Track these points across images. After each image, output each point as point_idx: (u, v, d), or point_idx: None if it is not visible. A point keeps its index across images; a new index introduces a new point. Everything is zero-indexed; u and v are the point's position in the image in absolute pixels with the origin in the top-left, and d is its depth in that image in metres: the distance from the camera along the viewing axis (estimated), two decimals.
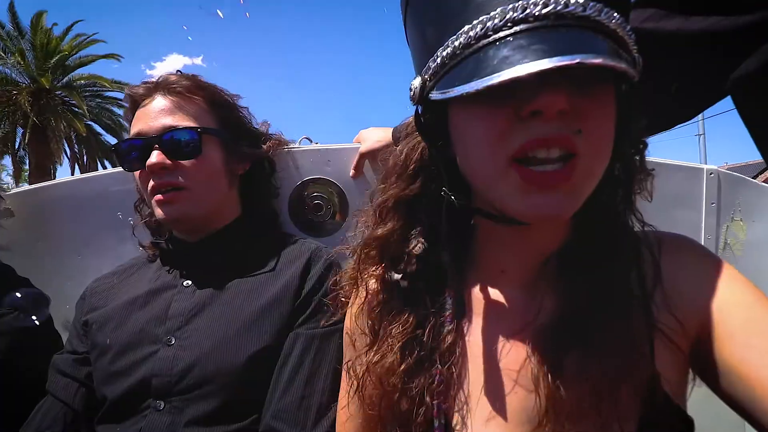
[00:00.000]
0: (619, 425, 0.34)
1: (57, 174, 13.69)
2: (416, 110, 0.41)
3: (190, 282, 0.67)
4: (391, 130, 0.84)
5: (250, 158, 0.75)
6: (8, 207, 0.87)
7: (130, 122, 0.71)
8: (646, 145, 0.42)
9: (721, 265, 0.40)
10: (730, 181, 0.78)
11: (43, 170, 12.54)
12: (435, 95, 0.34)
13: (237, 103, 0.76)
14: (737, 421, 0.36)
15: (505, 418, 0.38)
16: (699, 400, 0.40)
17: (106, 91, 13.72)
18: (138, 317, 0.64)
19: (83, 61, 13.54)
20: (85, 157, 14.21)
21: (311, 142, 0.91)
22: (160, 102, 0.67)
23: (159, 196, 0.64)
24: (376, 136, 0.86)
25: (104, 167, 11.87)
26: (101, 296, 0.70)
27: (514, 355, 0.39)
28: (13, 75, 12.59)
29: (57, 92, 12.87)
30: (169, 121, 0.65)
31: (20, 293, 0.74)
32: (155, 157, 0.63)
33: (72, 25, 13.30)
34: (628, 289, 0.38)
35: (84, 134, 13.12)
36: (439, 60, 0.34)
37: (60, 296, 0.85)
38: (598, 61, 0.27)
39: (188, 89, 0.68)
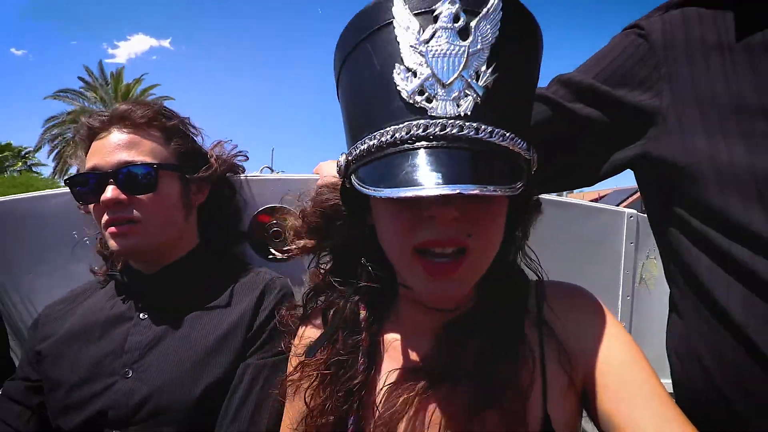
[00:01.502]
0: None
1: None
2: (343, 182, 0.47)
3: (146, 315, 0.69)
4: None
5: (208, 185, 0.78)
6: None
7: (85, 151, 0.72)
8: (540, 213, 0.50)
9: (605, 321, 0.47)
10: (647, 223, 0.89)
11: None
12: (356, 184, 0.40)
13: (192, 131, 0.78)
14: None
15: None
16: None
17: None
18: (93, 350, 0.66)
19: (134, 93, 19.73)
20: None
21: (272, 171, 0.94)
22: (116, 136, 0.68)
23: (113, 229, 0.66)
24: (332, 169, 0.90)
25: None
26: (53, 325, 0.71)
27: (420, 401, 0.45)
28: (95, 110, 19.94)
29: None
30: (125, 156, 0.67)
31: None
32: (110, 192, 0.65)
33: (141, 77, 20.30)
34: (516, 344, 0.45)
35: None
36: (357, 152, 0.40)
37: (12, 313, 0.85)
38: (473, 192, 0.33)
39: (145, 122, 0.70)
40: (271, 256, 0.91)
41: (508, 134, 0.37)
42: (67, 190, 0.93)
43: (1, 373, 0.74)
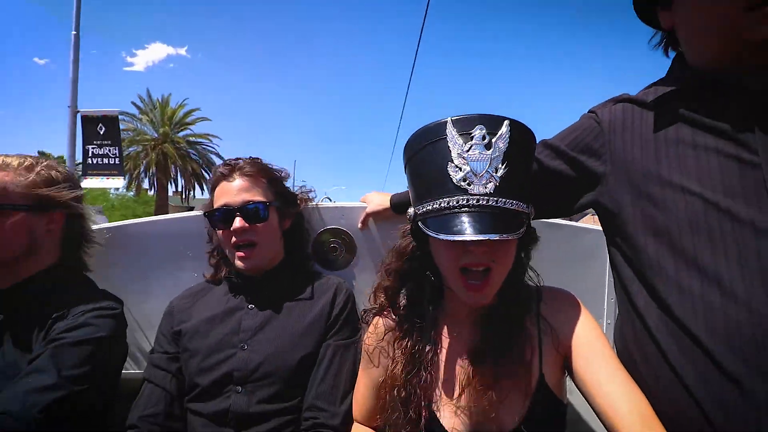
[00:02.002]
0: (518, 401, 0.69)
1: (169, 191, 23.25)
2: (411, 226, 0.75)
3: (253, 306, 0.97)
4: (389, 195, 1.18)
5: (292, 217, 1.06)
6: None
7: (214, 188, 1.00)
8: (537, 240, 0.78)
9: (581, 314, 0.74)
10: None
11: (162, 194, 21.80)
12: (423, 228, 0.68)
13: (285, 177, 1.07)
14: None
15: (466, 412, 0.71)
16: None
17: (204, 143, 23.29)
18: (219, 330, 0.94)
19: (185, 121, 22.98)
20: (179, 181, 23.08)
21: (331, 200, 1.23)
22: (238, 182, 0.97)
23: (240, 253, 0.94)
24: (378, 200, 1.19)
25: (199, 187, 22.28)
26: (185, 313, 0.99)
27: (462, 366, 0.73)
28: (146, 130, 22.17)
29: (175, 143, 22.10)
30: (246, 196, 0.95)
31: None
32: (238, 222, 0.93)
33: (184, 101, 23.24)
34: (523, 329, 0.73)
35: (193, 170, 22.60)
36: (422, 210, 0.68)
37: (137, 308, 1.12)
38: (495, 237, 0.61)
39: (256, 172, 0.99)
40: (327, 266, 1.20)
41: (515, 202, 0.65)
42: (173, 216, 1.22)
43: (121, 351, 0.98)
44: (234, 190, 0.95)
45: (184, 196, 23.33)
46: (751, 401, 0.55)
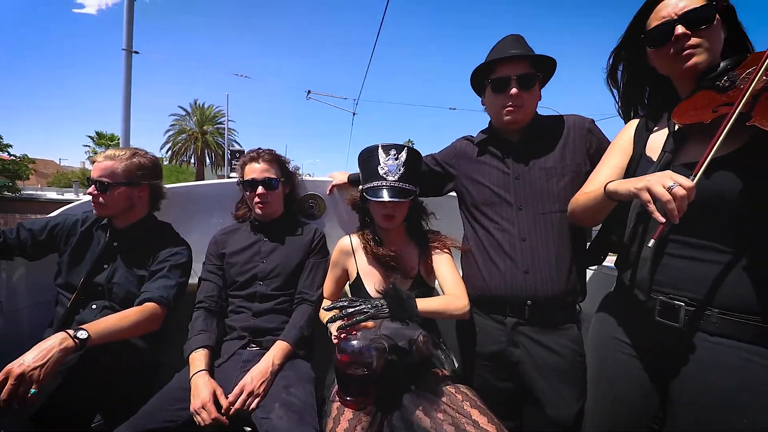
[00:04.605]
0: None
1: (206, 169, 34.88)
2: (360, 194, 1.46)
3: (266, 239, 1.65)
4: (348, 174, 1.87)
5: (291, 187, 1.73)
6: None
7: (244, 166, 1.63)
8: (422, 204, 1.53)
9: (443, 240, 1.50)
10: None
11: (200, 167, 34.18)
12: (366, 196, 1.38)
13: (288, 161, 1.71)
14: None
15: (393, 282, 1.48)
16: None
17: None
18: (247, 252, 1.61)
19: (211, 116, 35.52)
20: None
21: (311, 176, 1.89)
22: (261, 164, 1.61)
23: (260, 206, 1.60)
24: (340, 177, 1.88)
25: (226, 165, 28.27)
26: (225, 243, 1.64)
27: (388, 264, 1.49)
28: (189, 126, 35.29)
29: (207, 135, 34.80)
30: (266, 174, 1.60)
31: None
32: (261, 189, 1.58)
33: (212, 107, 35.88)
34: (418, 246, 1.48)
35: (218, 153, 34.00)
36: (365, 187, 1.39)
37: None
38: (396, 200, 1.33)
39: (272, 159, 1.62)
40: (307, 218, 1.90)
41: (408, 185, 1.36)
42: (210, 182, 1.84)
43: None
44: (258, 170, 1.60)
45: (212, 171, 35.40)
46: (500, 272, 1.31)
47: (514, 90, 1.28)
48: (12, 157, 22.86)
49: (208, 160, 35.09)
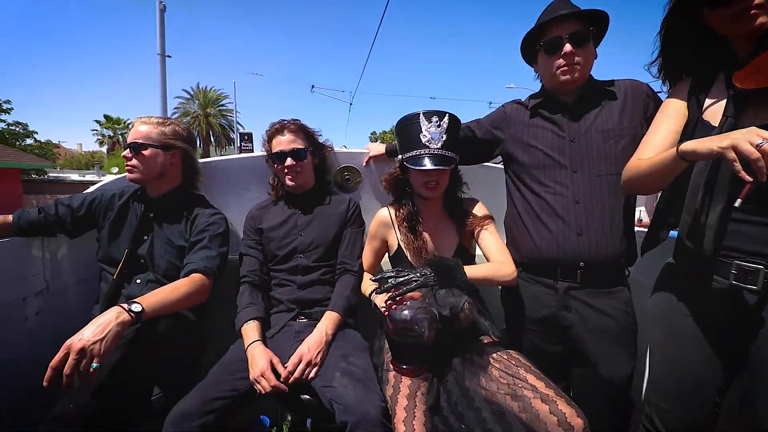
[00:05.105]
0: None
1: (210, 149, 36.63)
2: (400, 162, 1.42)
3: (301, 212, 1.63)
4: (384, 145, 1.83)
5: (320, 158, 1.69)
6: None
7: (270, 139, 1.59)
8: (459, 172, 1.49)
9: (482, 208, 1.47)
10: None
11: (206, 147, 35.24)
12: (407, 164, 1.35)
13: (314, 132, 1.67)
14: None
15: (428, 255, 1.46)
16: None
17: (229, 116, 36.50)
18: (285, 227, 1.59)
19: (214, 98, 37.69)
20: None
21: (346, 148, 1.85)
22: (287, 135, 1.57)
23: (290, 177, 1.57)
24: (377, 148, 1.84)
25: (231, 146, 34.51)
26: (261, 217, 1.63)
27: (429, 236, 1.46)
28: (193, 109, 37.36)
29: (210, 117, 36.79)
30: (293, 144, 1.56)
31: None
32: (289, 160, 1.55)
33: (213, 89, 37.84)
34: (457, 216, 1.46)
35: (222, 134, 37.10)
36: (406, 156, 1.35)
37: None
38: (441, 168, 1.31)
39: (297, 129, 1.58)
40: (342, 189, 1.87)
41: (451, 153, 1.33)
42: (242, 156, 1.81)
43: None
44: (285, 141, 1.56)
45: (216, 150, 37.15)
46: (552, 235, 1.29)
47: (567, 47, 1.22)
48: (38, 143, 25.94)
49: (212, 141, 37.26)
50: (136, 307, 1.09)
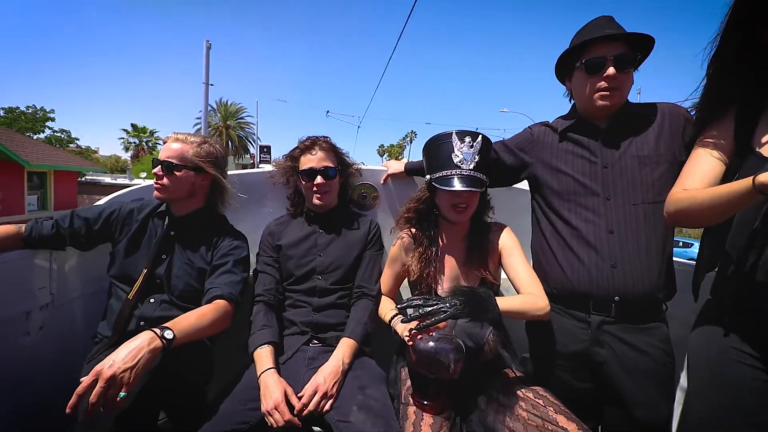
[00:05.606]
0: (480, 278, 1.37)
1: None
2: (427, 183, 1.37)
3: (322, 231, 1.57)
4: (404, 163, 1.78)
5: (346, 178, 1.64)
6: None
7: (301, 154, 1.54)
8: (488, 196, 1.43)
9: (510, 236, 1.41)
10: None
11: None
12: (437, 185, 1.29)
13: (343, 152, 1.62)
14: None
15: (450, 282, 1.38)
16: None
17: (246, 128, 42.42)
18: (304, 245, 1.54)
19: (234, 112, 42.37)
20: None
21: (364, 164, 1.80)
22: (318, 153, 1.52)
23: (318, 196, 1.52)
24: (395, 166, 1.79)
25: (247, 154, 40.20)
26: (279, 234, 1.57)
27: (453, 262, 1.40)
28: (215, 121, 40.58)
29: (230, 129, 41.58)
30: (324, 163, 1.52)
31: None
32: (319, 179, 1.50)
33: (234, 104, 42.35)
34: (484, 241, 1.39)
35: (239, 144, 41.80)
36: (436, 176, 1.29)
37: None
38: (472, 189, 1.24)
39: (328, 148, 1.54)
40: (359, 208, 1.82)
41: (482, 175, 1.28)
42: (259, 170, 1.76)
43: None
44: (316, 159, 1.52)
45: (234, 160, 40.21)
46: (585, 266, 1.22)
47: (611, 70, 1.18)
48: (79, 148, 31.04)
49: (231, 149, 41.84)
50: (168, 334, 1.04)
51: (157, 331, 1.03)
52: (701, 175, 1.02)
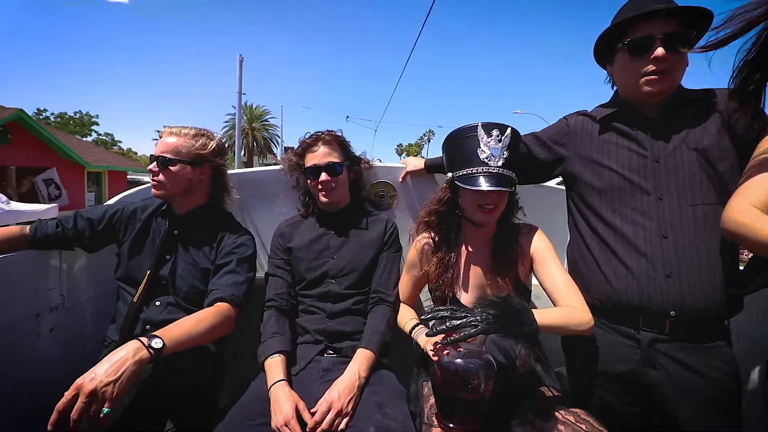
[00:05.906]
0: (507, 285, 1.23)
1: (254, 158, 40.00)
2: (449, 182, 1.24)
3: (333, 232, 1.47)
4: (423, 160, 1.65)
5: (356, 173, 1.53)
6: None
7: (304, 152, 1.45)
8: (516, 195, 1.29)
9: (541, 238, 1.27)
10: None
11: (250, 157, 39.54)
12: (460, 184, 1.17)
13: (349, 144, 1.52)
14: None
15: (476, 290, 1.26)
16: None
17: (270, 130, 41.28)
18: (315, 247, 1.44)
19: (259, 114, 41.39)
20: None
21: (381, 161, 1.69)
22: (322, 148, 1.42)
23: (324, 193, 1.42)
24: (414, 162, 1.67)
25: (270, 154, 39.83)
26: (290, 235, 1.48)
27: (472, 268, 1.27)
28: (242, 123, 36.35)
29: (255, 131, 40.32)
30: (329, 158, 1.41)
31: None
32: (324, 175, 1.40)
33: (259, 107, 41.42)
34: (512, 246, 1.26)
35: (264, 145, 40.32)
36: (459, 174, 1.16)
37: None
38: (499, 189, 1.10)
39: (332, 141, 1.43)
40: (374, 207, 1.71)
41: (511, 172, 1.14)
42: (270, 168, 1.68)
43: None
44: (320, 155, 1.41)
45: (259, 160, 41.43)
46: (633, 275, 1.07)
47: (659, 51, 1.02)
48: (121, 150, 35.31)
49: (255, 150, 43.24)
50: (156, 343, 0.96)
51: (144, 340, 0.95)
52: None
